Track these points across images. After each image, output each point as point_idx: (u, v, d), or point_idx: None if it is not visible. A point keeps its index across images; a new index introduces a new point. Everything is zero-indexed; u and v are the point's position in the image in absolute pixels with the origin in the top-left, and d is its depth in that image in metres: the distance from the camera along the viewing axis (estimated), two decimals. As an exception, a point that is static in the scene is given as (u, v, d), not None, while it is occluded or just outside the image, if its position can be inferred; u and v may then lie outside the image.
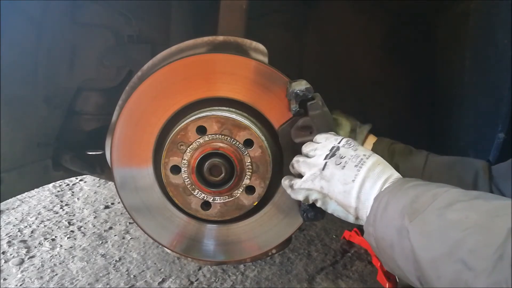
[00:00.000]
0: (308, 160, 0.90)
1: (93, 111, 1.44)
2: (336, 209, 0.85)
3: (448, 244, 0.58)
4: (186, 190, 1.02)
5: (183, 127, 0.98)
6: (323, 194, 0.86)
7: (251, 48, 1.07)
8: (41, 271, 1.93)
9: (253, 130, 0.99)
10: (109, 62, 1.38)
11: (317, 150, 0.90)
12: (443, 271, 0.58)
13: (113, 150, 1.06)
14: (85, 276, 1.90)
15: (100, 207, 2.55)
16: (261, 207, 1.07)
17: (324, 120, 0.96)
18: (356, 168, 0.81)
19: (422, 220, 0.64)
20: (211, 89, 1.01)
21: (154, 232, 1.11)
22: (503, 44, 1.09)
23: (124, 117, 1.04)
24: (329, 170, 0.84)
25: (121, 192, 1.08)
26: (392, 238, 0.69)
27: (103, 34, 1.38)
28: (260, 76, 1.00)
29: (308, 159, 0.90)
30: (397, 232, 0.67)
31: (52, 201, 2.60)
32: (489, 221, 0.57)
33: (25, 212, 2.46)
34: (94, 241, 2.18)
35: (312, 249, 2.17)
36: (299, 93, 0.94)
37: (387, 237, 0.71)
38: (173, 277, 1.92)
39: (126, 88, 1.12)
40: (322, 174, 0.85)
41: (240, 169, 0.99)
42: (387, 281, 1.79)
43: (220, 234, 1.10)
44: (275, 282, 1.92)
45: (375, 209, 0.75)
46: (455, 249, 0.57)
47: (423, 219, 0.64)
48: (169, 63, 1.02)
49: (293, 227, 1.09)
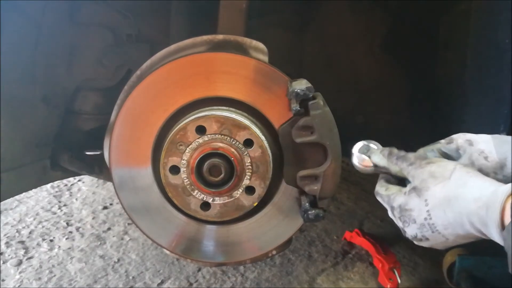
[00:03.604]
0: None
1: (91, 110, 1.43)
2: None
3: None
4: (186, 191, 1.01)
5: (182, 127, 0.98)
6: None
7: (251, 47, 1.06)
8: (39, 272, 1.92)
9: (253, 130, 0.98)
10: (108, 61, 1.37)
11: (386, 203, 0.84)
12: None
13: (112, 150, 1.05)
14: (83, 277, 1.89)
15: (98, 207, 2.54)
16: (261, 207, 1.06)
17: (325, 120, 0.96)
18: (436, 233, 0.74)
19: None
20: (211, 88, 1.01)
21: (153, 233, 1.10)
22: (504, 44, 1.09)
23: (122, 116, 1.03)
24: (425, 244, 0.79)
25: (119, 192, 1.07)
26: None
27: (102, 34, 1.38)
28: (260, 75, 1.00)
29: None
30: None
31: (50, 201, 2.59)
32: None
33: (23, 212, 2.44)
34: (93, 242, 2.17)
35: (313, 250, 2.16)
36: (300, 93, 0.93)
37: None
38: (172, 278, 1.91)
39: (124, 88, 1.12)
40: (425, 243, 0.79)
41: (240, 170, 0.98)
42: (389, 282, 1.78)
43: (219, 235, 1.09)
44: (276, 283, 1.91)
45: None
46: None
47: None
48: (168, 62, 1.01)
49: (294, 228, 1.09)
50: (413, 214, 0.78)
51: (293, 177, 1.02)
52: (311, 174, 1.00)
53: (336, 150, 0.98)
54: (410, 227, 0.79)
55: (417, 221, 0.77)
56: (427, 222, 0.75)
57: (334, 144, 0.98)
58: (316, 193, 0.99)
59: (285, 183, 1.04)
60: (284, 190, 1.05)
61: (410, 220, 0.78)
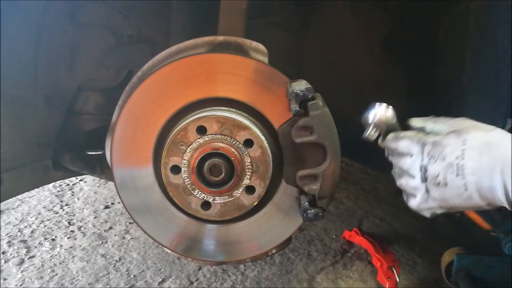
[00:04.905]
0: (407, 182, 0.82)
1: (93, 111, 1.44)
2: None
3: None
4: (186, 190, 1.02)
5: (183, 127, 0.98)
6: (446, 205, 0.78)
7: (251, 48, 1.07)
8: (41, 271, 1.93)
9: (253, 130, 0.98)
10: (109, 62, 1.38)
11: (409, 169, 0.81)
12: None
13: (113, 150, 1.06)
14: (85, 276, 1.90)
15: (100, 207, 2.55)
16: (261, 207, 1.07)
17: (324, 120, 0.96)
18: (459, 177, 0.72)
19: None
20: (211, 89, 1.01)
21: (154, 232, 1.11)
22: (503, 44, 1.09)
23: (124, 117, 1.04)
24: (435, 192, 0.77)
25: (121, 192, 1.08)
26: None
27: (103, 34, 1.38)
28: (260, 76, 1.00)
29: (406, 181, 0.82)
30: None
31: (52, 201, 2.60)
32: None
33: (25, 212, 2.45)
34: (94, 241, 2.18)
35: (312, 249, 2.17)
36: (299, 93, 0.94)
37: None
38: (173, 277, 1.92)
39: (126, 88, 1.12)
40: (431, 196, 0.78)
41: (240, 169, 0.99)
42: (387, 281, 1.79)
43: (220, 234, 1.10)
44: (275, 282, 1.92)
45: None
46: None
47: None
48: (169, 63, 1.02)
49: (293, 227, 1.09)
50: (446, 151, 0.74)
51: (292, 176, 1.03)
52: (310, 174, 1.00)
53: (336, 150, 0.99)
54: (436, 164, 0.75)
55: (446, 159, 0.73)
56: (456, 162, 0.72)
57: (334, 144, 0.98)
58: (315, 192, 1.00)
59: (284, 183, 1.05)
60: (284, 189, 1.06)
61: (439, 156, 0.74)
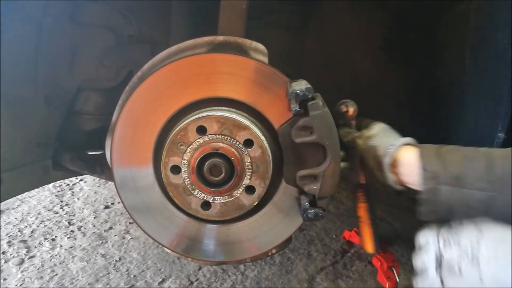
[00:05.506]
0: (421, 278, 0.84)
1: (93, 111, 1.44)
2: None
3: None
4: (186, 190, 1.02)
5: (183, 127, 0.98)
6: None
7: (251, 48, 1.07)
8: (41, 271, 1.93)
9: (253, 130, 0.99)
10: (109, 62, 1.38)
11: (424, 262, 0.84)
12: None
13: (113, 150, 1.06)
14: (85, 276, 1.90)
15: (100, 207, 2.55)
16: (261, 207, 1.07)
17: (324, 120, 0.96)
18: (475, 268, 0.75)
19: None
20: (211, 89, 1.01)
21: (154, 232, 1.11)
22: (503, 44, 1.09)
23: (124, 117, 1.04)
24: (451, 282, 0.79)
25: (121, 192, 1.08)
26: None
27: (103, 34, 1.38)
28: (260, 76, 1.00)
29: (420, 275, 0.84)
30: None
31: (52, 201, 2.60)
32: None
33: (25, 212, 2.46)
34: (94, 241, 2.18)
35: (312, 249, 2.17)
36: (299, 93, 0.94)
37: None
38: (173, 277, 1.92)
39: (126, 88, 1.12)
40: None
41: (240, 169, 0.99)
42: (387, 281, 1.79)
43: (220, 234, 1.10)
44: (275, 282, 1.92)
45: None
46: None
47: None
48: (169, 63, 1.02)
49: (293, 227, 1.09)
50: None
51: (292, 176, 1.03)
52: (310, 174, 1.00)
53: (335, 150, 0.99)
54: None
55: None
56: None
57: (333, 144, 0.98)
58: (315, 192, 1.00)
59: (284, 183, 1.05)
60: (284, 189, 1.06)
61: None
